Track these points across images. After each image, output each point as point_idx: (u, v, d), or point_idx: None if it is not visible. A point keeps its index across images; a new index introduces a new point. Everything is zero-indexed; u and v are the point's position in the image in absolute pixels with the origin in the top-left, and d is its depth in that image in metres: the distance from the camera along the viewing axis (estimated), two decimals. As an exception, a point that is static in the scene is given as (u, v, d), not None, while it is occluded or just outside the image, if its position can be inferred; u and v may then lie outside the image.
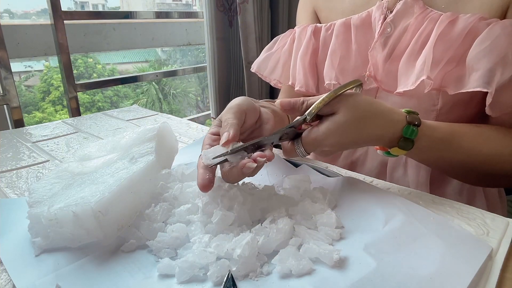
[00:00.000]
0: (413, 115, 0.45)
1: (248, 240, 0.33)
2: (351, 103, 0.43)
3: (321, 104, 0.42)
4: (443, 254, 0.33)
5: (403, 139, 0.44)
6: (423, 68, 0.51)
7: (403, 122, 0.44)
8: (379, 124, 0.44)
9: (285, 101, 0.45)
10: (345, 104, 0.42)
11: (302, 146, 0.44)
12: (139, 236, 0.38)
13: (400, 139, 0.44)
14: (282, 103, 0.45)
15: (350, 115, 0.42)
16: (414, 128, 0.44)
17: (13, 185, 0.54)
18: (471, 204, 0.45)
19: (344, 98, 0.43)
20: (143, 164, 0.42)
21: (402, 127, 0.44)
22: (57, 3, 1.13)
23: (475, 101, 0.55)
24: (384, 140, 0.45)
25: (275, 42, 0.74)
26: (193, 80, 14.57)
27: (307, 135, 0.43)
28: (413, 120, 0.45)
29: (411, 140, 0.44)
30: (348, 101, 0.43)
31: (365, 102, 0.44)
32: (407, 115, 0.45)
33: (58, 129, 0.81)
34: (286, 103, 0.45)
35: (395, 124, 0.44)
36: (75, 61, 14.02)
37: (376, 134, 0.44)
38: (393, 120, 0.44)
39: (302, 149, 0.44)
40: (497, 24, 0.48)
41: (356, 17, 0.61)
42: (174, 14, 1.59)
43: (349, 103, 0.42)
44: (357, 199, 0.43)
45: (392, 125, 0.44)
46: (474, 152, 0.48)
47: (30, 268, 0.35)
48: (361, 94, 0.44)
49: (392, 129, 0.44)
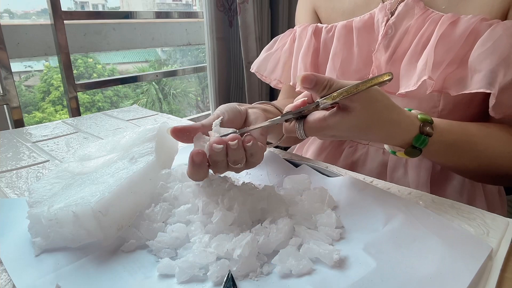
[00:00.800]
0: (427, 124, 0.44)
1: (248, 240, 0.33)
2: (368, 106, 0.40)
3: (339, 98, 0.39)
4: (443, 254, 0.33)
5: (412, 146, 0.44)
6: (424, 69, 0.51)
7: (415, 131, 0.44)
8: (390, 131, 0.43)
9: (309, 75, 0.40)
10: (362, 106, 0.40)
11: (303, 129, 0.42)
12: (139, 236, 0.38)
13: (409, 147, 0.44)
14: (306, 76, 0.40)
15: (362, 119, 0.41)
16: (425, 137, 0.43)
17: (13, 185, 0.54)
18: (472, 204, 0.45)
19: (362, 98, 0.40)
20: (143, 164, 0.42)
21: (413, 136, 0.44)
22: (57, 3, 1.13)
23: (475, 102, 0.55)
24: (392, 143, 0.45)
25: (274, 42, 0.74)
26: (193, 80, 14.56)
27: (312, 121, 0.42)
28: (426, 130, 0.43)
29: (419, 148, 0.44)
30: (366, 102, 0.40)
31: (383, 106, 0.42)
32: (421, 124, 0.44)
33: (58, 129, 0.81)
34: (311, 77, 0.40)
35: (407, 134, 0.44)
36: (75, 61, 14.03)
37: (383, 139, 0.44)
38: (405, 129, 0.43)
39: (302, 132, 0.42)
40: (498, 25, 0.48)
41: (358, 19, 0.61)
42: (174, 14, 1.59)
43: (366, 106, 0.40)
44: (357, 199, 0.43)
45: (403, 134, 0.44)
46: (483, 154, 0.48)
47: (30, 268, 0.35)
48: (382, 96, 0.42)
49: (403, 138, 0.44)
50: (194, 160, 0.38)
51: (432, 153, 0.46)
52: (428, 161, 0.60)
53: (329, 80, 0.40)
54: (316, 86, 0.40)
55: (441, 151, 0.46)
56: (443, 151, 0.46)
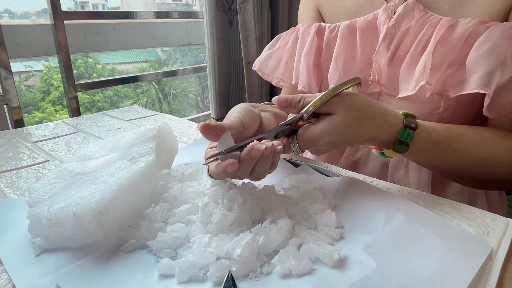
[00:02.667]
0: (410, 118, 0.45)
1: (248, 240, 0.33)
2: (349, 104, 0.42)
3: (319, 103, 0.42)
4: (443, 254, 0.33)
5: (398, 142, 0.44)
6: (422, 74, 0.51)
7: (399, 124, 0.44)
8: (376, 126, 0.44)
9: (282, 98, 0.44)
10: (342, 105, 0.42)
11: (297, 144, 0.43)
12: (139, 236, 0.38)
13: (395, 142, 0.44)
14: (279, 100, 0.44)
15: (347, 117, 0.42)
16: (410, 131, 0.44)
17: (13, 185, 0.54)
18: (473, 204, 0.45)
19: (342, 99, 0.42)
20: (143, 164, 0.42)
21: (398, 130, 0.44)
22: (57, 3, 1.13)
23: (476, 104, 0.55)
24: (379, 141, 0.45)
25: (277, 40, 0.73)
26: (193, 80, 14.57)
27: (303, 133, 0.43)
28: (410, 123, 0.44)
29: (406, 143, 0.44)
30: (346, 101, 0.42)
31: (363, 103, 0.44)
32: (404, 118, 0.45)
33: (58, 129, 0.81)
34: (283, 100, 0.44)
35: (391, 127, 0.44)
36: (75, 61, 14.03)
37: (371, 135, 0.44)
38: (389, 123, 0.44)
39: (297, 147, 0.44)
40: (497, 27, 0.48)
41: (362, 19, 0.60)
42: (174, 14, 1.59)
43: (346, 104, 0.42)
44: (357, 199, 0.43)
45: (388, 127, 0.44)
46: (471, 155, 0.48)
47: (30, 268, 0.35)
48: (359, 94, 0.44)
49: (388, 131, 0.44)
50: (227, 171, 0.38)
51: (419, 151, 0.46)
52: None
53: (300, 96, 0.44)
54: (291, 105, 0.44)
55: (428, 149, 0.46)
56: (429, 149, 0.46)
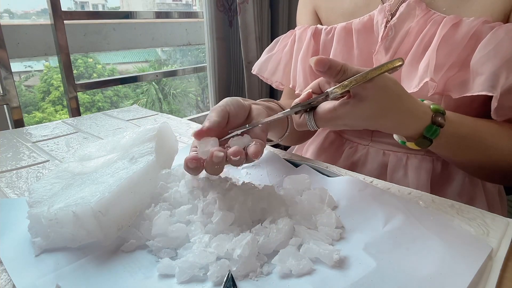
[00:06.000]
0: (439, 114, 0.44)
1: (248, 240, 0.33)
2: (381, 94, 0.40)
3: (349, 87, 0.38)
4: (443, 254, 0.33)
5: (423, 137, 0.44)
6: (426, 70, 0.50)
7: (427, 121, 0.43)
8: (403, 121, 0.43)
9: (323, 58, 0.39)
10: (374, 94, 0.39)
11: (314, 120, 0.42)
12: (139, 236, 0.38)
13: (420, 137, 0.44)
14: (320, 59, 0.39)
15: (376, 107, 0.40)
16: (437, 128, 0.43)
17: (13, 185, 0.54)
18: (472, 204, 0.45)
19: (376, 86, 0.39)
20: (143, 164, 0.42)
21: (425, 126, 0.43)
22: (57, 3, 1.13)
23: (476, 104, 0.55)
24: (403, 134, 0.45)
25: (276, 43, 0.73)
26: (193, 80, 14.57)
27: (322, 112, 0.41)
28: (438, 120, 0.43)
29: (429, 139, 0.44)
30: (378, 90, 0.39)
31: (395, 94, 0.41)
32: (434, 114, 0.44)
33: (58, 129, 0.81)
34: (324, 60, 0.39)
35: (419, 122, 0.43)
36: (75, 61, 14.03)
37: (396, 128, 0.44)
38: (418, 118, 0.43)
39: (313, 123, 0.42)
40: (501, 28, 0.48)
41: (357, 21, 0.60)
42: (174, 14, 1.59)
43: (378, 93, 0.40)
44: (357, 199, 0.43)
45: (415, 123, 0.43)
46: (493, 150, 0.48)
47: (30, 268, 0.35)
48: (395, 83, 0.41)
49: (414, 126, 0.44)
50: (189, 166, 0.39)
51: (442, 145, 0.45)
52: (429, 163, 0.60)
53: (343, 65, 0.39)
54: (330, 70, 0.39)
55: (452, 143, 0.46)
56: (453, 144, 0.46)
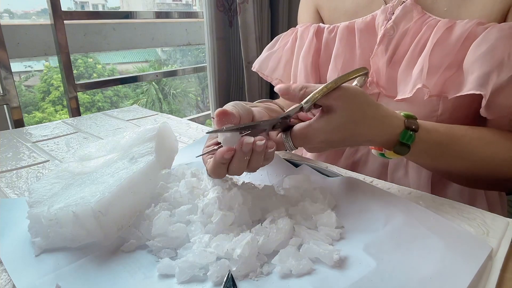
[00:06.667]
0: (411, 120, 0.44)
1: (248, 240, 0.33)
2: (349, 102, 0.41)
3: (319, 95, 0.40)
4: (443, 254, 0.33)
5: (400, 143, 0.44)
6: (419, 76, 0.50)
7: (400, 127, 0.44)
8: (375, 127, 0.43)
9: (283, 86, 0.43)
10: (342, 101, 0.40)
11: (291, 140, 0.43)
12: (139, 236, 0.38)
13: (397, 144, 0.44)
14: (281, 88, 0.43)
15: (347, 116, 0.41)
16: (411, 133, 0.43)
17: (13, 185, 0.54)
18: (472, 204, 0.45)
19: (343, 94, 0.40)
20: (143, 164, 0.42)
21: (399, 132, 0.43)
22: (57, 3, 1.13)
23: (474, 105, 0.55)
24: (378, 143, 0.45)
25: (276, 41, 0.73)
26: (193, 80, 14.58)
27: (298, 130, 0.42)
28: (411, 124, 0.44)
29: (407, 145, 0.44)
30: (346, 98, 0.41)
31: (364, 103, 0.42)
32: (406, 119, 0.44)
33: (58, 129, 0.81)
34: (285, 88, 0.43)
35: (392, 128, 0.43)
36: (75, 61, 14.03)
37: (370, 136, 0.43)
38: (390, 125, 0.43)
39: (291, 143, 0.43)
40: (494, 28, 0.48)
41: (360, 21, 0.60)
42: (174, 14, 1.59)
43: (347, 101, 0.41)
44: (357, 199, 0.43)
45: (389, 129, 0.43)
46: (472, 156, 0.48)
47: (30, 268, 0.35)
48: (362, 93, 0.43)
49: (389, 133, 0.44)
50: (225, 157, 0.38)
51: (420, 153, 0.45)
52: None
53: (302, 85, 0.42)
54: (292, 94, 0.42)
55: (429, 150, 0.46)
56: (430, 151, 0.46)
